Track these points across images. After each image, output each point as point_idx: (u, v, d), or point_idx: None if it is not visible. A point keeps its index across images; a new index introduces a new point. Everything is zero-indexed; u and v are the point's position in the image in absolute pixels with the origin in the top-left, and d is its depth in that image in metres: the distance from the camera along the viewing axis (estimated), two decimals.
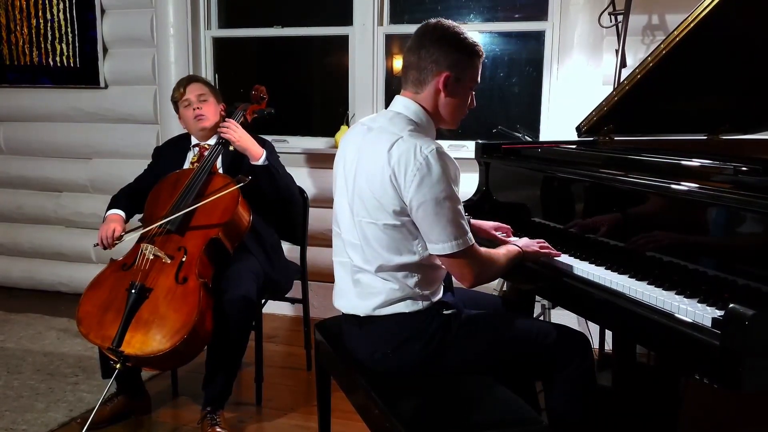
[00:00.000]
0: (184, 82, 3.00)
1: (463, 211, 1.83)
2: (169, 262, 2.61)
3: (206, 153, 2.93)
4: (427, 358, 1.91)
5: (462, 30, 1.91)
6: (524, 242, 2.10)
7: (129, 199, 2.97)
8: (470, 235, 1.84)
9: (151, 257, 2.62)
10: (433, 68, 1.88)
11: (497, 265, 1.94)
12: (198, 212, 2.74)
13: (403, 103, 1.93)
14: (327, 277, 3.99)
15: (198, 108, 2.95)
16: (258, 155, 2.86)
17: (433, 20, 1.92)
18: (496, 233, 2.29)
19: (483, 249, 1.92)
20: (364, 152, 1.89)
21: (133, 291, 2.50)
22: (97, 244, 2.79)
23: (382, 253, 1.86)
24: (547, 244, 2.12)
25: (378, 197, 1.82)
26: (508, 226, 2.35)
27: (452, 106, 1.94)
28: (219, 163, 2.96)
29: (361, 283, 1.93)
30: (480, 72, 1.98)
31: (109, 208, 2.94)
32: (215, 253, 2.72)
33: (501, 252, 1.99)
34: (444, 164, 1.77)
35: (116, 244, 2.77)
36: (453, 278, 2.03)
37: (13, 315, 4.19)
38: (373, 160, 1.83)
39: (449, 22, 1.91)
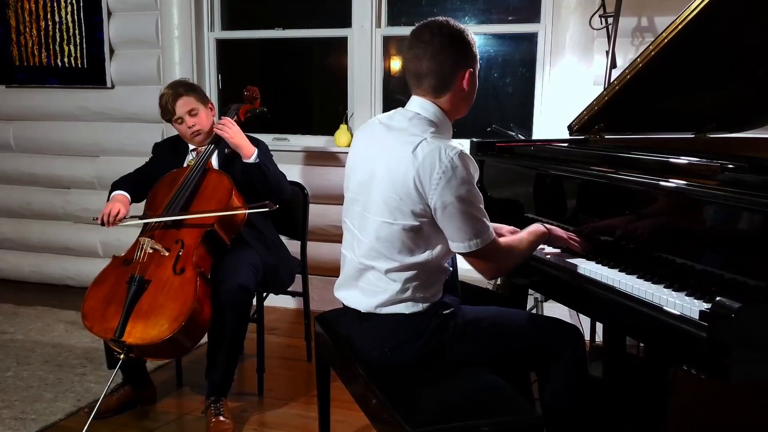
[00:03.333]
0: (171, 99, 2.87)
1: (483, 208, 1.81)
2: (166, 254, 2.62)
3: (201, 150, 2.92)
4: (424, 356, 1.89)
5: (455, 21, 1.85)
6: (552, 227, 2.06)
7: (131, 185, 2.96)
8: (491, 231, 1.81)
9: (150, 251, 2.63)
10: (455, 71, 1.82)
11: (518, 253, 1.92)
12: (193, 206, 2.75)
13: (420, 104, 1.86)
14: (327, 271, 4.00)
15: (193, 125, 2.89)
16: (249, 153, 2.84)
17: (427, 22, 1.83)
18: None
19: (503, 240, 1.89)
20: (385, 152, 1.83)
21: (132, 283, 2.51)
22: (96, 219, 2.79)
23: (394, 254, 1.82)
24: (576, 237, 2.06)
25: (399, 197, 1.77)
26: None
27: (470, 96, 1.90)
28: (215, 159, 2.95)
29: (365, 279, 1.91)
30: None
31: (114, 190, 2.92)
32: (212, 245, 2.72)
33: (523, 237, 1.96)
34: (467, 166, 1.74)
35: (116, 225, 2.77)
36: (458, 275, 2.02)
37: (22, 308, 4.18)
38: (396, 161, 1.77)
39: (443, 19, 1.83)
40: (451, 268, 1.96)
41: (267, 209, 2.76)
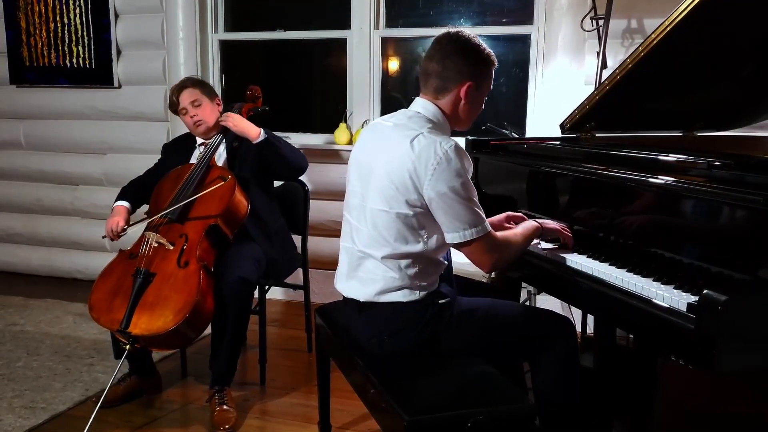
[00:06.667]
0: (176, 91, 2.93)
1: (477, 201, 1.80)
2: (171, 248, 2.61)
3: (208, 144, 2.93)
4: (421, 344, 1.89)
5: (480, 40, 1.90)
6: (544, 220, 2.06)
7: (137, 190, 2.97)
8: (486, 223, 1.81)
9: (155, 245, 2.63)
10: (456, 78, 1.86)
11: (515, 246, 1.91)
12: (197, 202, 2.73)
13: (422, 105, 1.91)
14: (326, 264, 4.00)
15: (195, 115, 2.91)
16: (256, 134, 2.83)
17: (453, 30, 1.89)
18: (509, 223, 2.21)
19: (499, 233, 1.89)
20: (384, 143, 1.86)
21: (138, 276, 2.50)
22: (105, 236, 2.80)
23: (390, 240, 1.83)
24: (567, 229, 2.06)
25: (395, 186, 1.79)
26: (520, 214, 2.26)
27: (469, 111, 1.92)
28: (224, 153, 2.96)
29: (364, 268, 1.91)
30: (493, 79, 1.96)
31: (118, 199, 2.94)
32: (216, 239, 2.71)
33: (518, 231, 1.97)
34: (461, 159, 1.76)
35: (122, 235, 2.77)
36: (452, 268, 2.01)
37: (32, 300, 4.17)
38: (394, 151, 1.80)
39: (468, 33, 1.89)
40: (446, 262, 1.96)
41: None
